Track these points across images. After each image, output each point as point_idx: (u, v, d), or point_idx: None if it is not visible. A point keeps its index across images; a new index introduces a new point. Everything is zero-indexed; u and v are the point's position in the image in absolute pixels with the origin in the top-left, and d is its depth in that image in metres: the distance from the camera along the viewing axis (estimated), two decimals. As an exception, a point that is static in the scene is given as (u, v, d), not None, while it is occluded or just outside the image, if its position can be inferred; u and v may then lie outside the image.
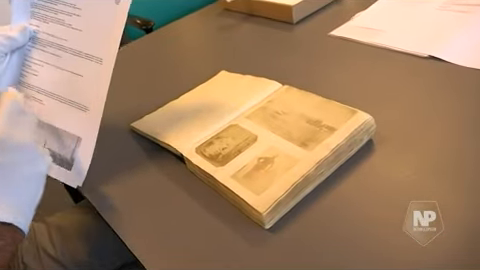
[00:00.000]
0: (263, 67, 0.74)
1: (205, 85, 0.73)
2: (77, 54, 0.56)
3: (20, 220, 0.41)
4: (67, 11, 0.57)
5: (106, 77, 0.54)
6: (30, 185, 0.43)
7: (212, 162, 0.53)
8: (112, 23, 0.53)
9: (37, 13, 0.60)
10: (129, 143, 0.65)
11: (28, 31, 0.59)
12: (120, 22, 0.53)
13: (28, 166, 0.43)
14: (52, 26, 0.58)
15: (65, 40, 0.57)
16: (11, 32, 0.57)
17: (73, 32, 0.57)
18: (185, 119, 0.63)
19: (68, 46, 0.57)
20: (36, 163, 0.44)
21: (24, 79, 0.60)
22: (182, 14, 1.10)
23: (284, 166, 0.49)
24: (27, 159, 0.43)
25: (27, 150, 0.44)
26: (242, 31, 0.95)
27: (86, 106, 0.56)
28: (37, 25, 0.60)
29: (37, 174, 0.44)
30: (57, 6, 0.58)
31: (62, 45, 0.58)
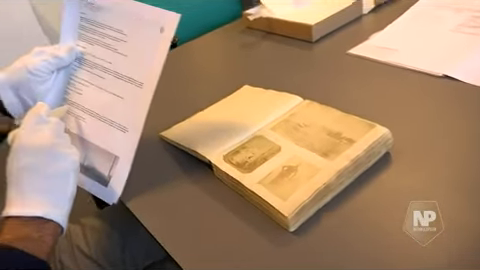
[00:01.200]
0: (284, 83, 0.78)
1: (229, 98, 0.78)
2: (120, 77, 0.61)
3: (51, 214, 0.46)
4: (113, 36, 0.62)
5: (146, 101, 0.57)
6: (57, 181, 0.48)
7: (239, 169, 0.57)
8: (155, 50, 0.57)
9: (84, 35, 0.65)
10: (159, 151, 0.70)
11: (75, 52, 0.63)
12: (163, 50, 0.56)
13: (51, 165, 0.48)
14: (98, 49, 0.63)
15: (109, 63, 0.62)
16: (59, 52, 0.62)
17: (117, 56, 0.61)
18: (212, 129, 0.68)
19: (112, 69, 0.62)
20: (59, 161, 0.49)
21: (68, 97, 0.65)
22: (205, 31, 1.15)
23: (307, 174, 0.53)
24: (48, 160, 0.48)
25: (48, 151, 0.49)
26: (263, 48, 1.00)
27: (126, 127, 0.60)
28: (84, 47, 0.64)
29: (62, 171, 0.49)
30: (104, 30, 0.63)
31: (106, 67, 0.62)
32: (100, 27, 0.63)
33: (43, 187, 0.47)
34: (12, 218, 0.45)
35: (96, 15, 0.64)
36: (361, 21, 1.01)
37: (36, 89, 0.62)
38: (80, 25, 0.66)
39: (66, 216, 0.48)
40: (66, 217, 0.48)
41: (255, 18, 1.03)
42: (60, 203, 0.47)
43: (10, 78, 0.61)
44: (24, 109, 0.64)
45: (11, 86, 0.61)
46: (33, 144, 0.48)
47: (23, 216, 0.45)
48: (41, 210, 0.45)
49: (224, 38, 1.11)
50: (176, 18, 0.57)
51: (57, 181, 0.48)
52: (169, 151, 0.69)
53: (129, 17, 0.61)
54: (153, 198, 0.60)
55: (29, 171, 0.47)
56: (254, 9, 1.10)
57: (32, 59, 0.62)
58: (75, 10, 0.66)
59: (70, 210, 0.49)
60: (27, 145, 0.48)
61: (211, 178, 0.61)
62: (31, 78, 0.61)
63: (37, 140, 0.49)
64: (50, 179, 0.47)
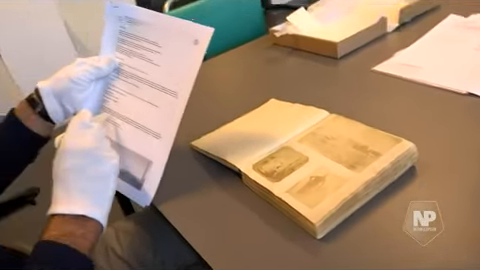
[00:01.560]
0: (310, 97, 0.81)
1: (257, 111, 0.81)
2: (154, 87, 0.64)
3: (94, 212, 0.50)
4: (149, 48, 0.66)
5: (179, 110, 0.61)
6: (99, 182, 0.52)
7: (268, 178, 0.59)
8: (189, 62, 0.61)
9: (122, 47, 0.69)
10: (190, 159, 0.73)
11: (113, 63, 0.68)
12: (197, 61, 0.60)
13: (94, 167, 0.52)
14: (135, 60, 0.67)
15: (145, 73, 0.65)
16: (99, 63, 0.67)
17: (153, 67, 0.65)
18: (241, 140, 0.71)
19: (147, 79, 0.65)
20: (101, 164, 0.53)
21: (106, 104, 0.69)
22: (230, 47, 1.19)
23: (334, 184, 0.55)
24: (92, 161, 0.52)
25: (91, 154, 0.52)
26: (289, 64, 1.03)
27: (159, 134, 0.63)
28: (122, 58, 0.68)
29: (104, 173, 0.52)
30: (140, 43, 0.67)
31: (142, 77, 0.66)
32: (137, 40, 0.67)
33: (86, 188, 0.50)
34: (58, 215, 0.48)
35: (134, 29, 0.68)
36: (385, 39, 1.03)
37: (76, 97, 0.66)
38: (119, 38, 0.70)
39: (106, 216, 0.51)
40: (106, 217, 0.51)
41: (282, 35, 1.07)
42: (101, 203, 0.51)
43: (54, 87, 0.66)
44: (64, 116, 0.68)
45: (55, 94, 0.65)
46: (78, 147, 0.52)
47: (68, 214, 0.48)
48: (84, 209, 0.49)
49: (251, 53, 1.15)
50: (210, 31, 0.60)
51: (99, 182, 0.51)
52: (199, 159, 0.72)
53: (164, 30, 0.65)
54: (184, 203, 0.63)
55: (74, 172, 0.51)
56: (280, 26, 1.13)
57: (74, 69, 0.66)
58: (115, 24, 0.70)
59: (109, 211, 0.52)
60: (72, 148, 0.52)
61: (240, 186, 0.64)
62: (73, 87, 0.65)
63: (81, 144, 0.52)
64: (93, 180, 0.51)
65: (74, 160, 0.51)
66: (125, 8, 0.69)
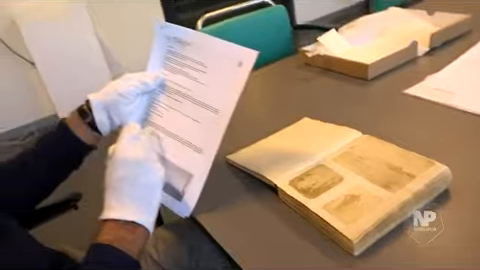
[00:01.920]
0: (341, 117, 0.83)
1: (290, 128, 0.84)
2: (198, 103, 0.68)
3: (143, 219, 0.53)
4: (194, 67, 0.69)
5: (221, 126, 0.64)
6: (148, 192, 0.55)
7: (304, 194, 0.62)
8: (233, 82, 0.64)
9: (169, 65, 0.73)
10: (226, 173, 0.76)
11: (160, 79, 0.72)
12: (241, 82, 0.63)
13: (144, 177, 0.56)
14: (180, 77, 0.71)
15: (189, 90, 0.69)
16: (145, 78, 0.71)
17: (197, 85, 0.69)
18: (277, 156, 0.73)
19: (191, 96, 0.69)
20: (150, 174, 0.56)
21: (150, 118, 0.73)
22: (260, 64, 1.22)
23: (370, 203, 0.57)
24: (142, 171, 0.56)
25: (142, 164, 0.56)
26: (320, 83, 1.06)
27: (201, 149, 0.66)
28: (167, 75, 0.72)
29: (152, 183, 0.56)
30: (187, 62, 0.71)
31: (186, 94, 0.69)
32: (183, 59, 0.71)
33: (136, 196, 0.54)
34: (110, 221, 0.52)
35: (181, 48, 0.72)
36: (416, 63, 1.05)
37: (123, 110, 0.70)
38: (166, 56, 0.74)
39: (153, 223, 0.54)
40: (153, 224, 0.54)
41: (313, 55, 1.10)
42: (149, 211, 0.54)
43: (103, 100, 0.70)
44: (111, 127, 0.72)
45: (104, 107, 0.70)
46: (129, 157, 0.56)
47: (120, 220, 0.52)
48: (135, 216, 0.52)
49: (282, 72, 1.18)
50: (254, 54, 0.64)
51: (148, 192, 0.55)
52: (235, 173, 0.75)
53: (210, 51, 0.69)
54: (222, 214, 0.66)
55: (125, 181, 0.54)
56: (311, 46, 1.17)
57: (122, 84, 0.70)
58: (163, 43, 0.74)
59: (155, 218, 0.55)
60: (124, 158, 0.56)
61: (275, 200, 0.66)
62: (120, 100, 0.69)
63: (132, 154, 0.56)
64: (142, 189, 0.54)
65: (126, 170, 0.55)
66: (173, 29, 0.73)
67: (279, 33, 1.57)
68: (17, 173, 0.71)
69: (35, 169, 0.70)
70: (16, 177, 0.70)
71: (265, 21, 1.55)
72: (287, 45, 1.59)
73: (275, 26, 1.56)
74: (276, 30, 1.56)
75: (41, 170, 0.71)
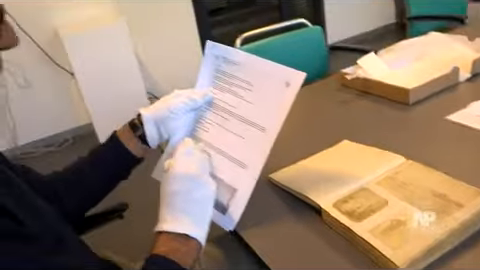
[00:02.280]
0: (382, 141, 0.83)
1: (331, 150, 0.85)
2: (244, 121, 0.70)
3: (196, 233, 0.55)
4: (242, 86, 0.72)
5: (267, 144, 0.66)
6: (201, 206, 0.58)
7: (349, 217, 0.63)
8: (280, 101, 0.66)
9: (216, 83, 0.76)
10: (267, 191, 0.77)
11: (208, 97, 0.75)
12: (288, 102, 0.65)
13: (197, 191, 0.58)
14: (227, 95, 0.74)
15: (236, 108, 0.72)
16: (194, 95, 0.74)
17: (244, 103, 0.71)
18: (320, 177, 0.75)
19: (237, 113, 0.71)
20: (203, 189, 0.58)
21: (196, 133, 0.76)
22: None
23: (417, 230, 0.58)
24: (196, 186, 0.58)
25: (196, 179, 0.58)
26: (359, 106, 1.07)
27: (246, 164, 0.68)
28: (215, 92, 0.75)
29: (205, 197, 0.58)
30: (234, 81, 0.73)
31: (232, 111, 0.72)
32: (231, 78, 0.74)
33: (190, 209, 0.56)
34: (164, 233, 0.54)
35: (229, 68, 0.75)
36: (458, 89, 1.05)
37: (172, 125, 0.74)
38: (214, 75, 0.77)
39: (205, 236, 0.56)
40: (205, 237, 0.56)
41: (352, 78, 1.11)
42: (202, 225, 0.56)
43: (154, 115, 0.73)
44: (159, 141, 0.75)
45: (154, 122, 0.73)
46: (184, 172, 0.58)
47: (174, 232, 0.54)
48: (188, 229, 0.54)
49: (321, 93, 1.20)
50: (302, 76, 0.66)
51: (201, 205, 0.57)
52: (276, 191, 0.77)
53: (258, 71, 0.71)
54: (265, 231, 0.68)
55: (180, 194, 0.57)
56: (350, 69, 1.18)
57: (173, 100, 0.74)
58: (211, 62, 0.78)
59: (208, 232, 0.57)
60: (179, 173, 0.58)
61: (318, 221, 0.67)
62: (170, 115, 0.73)
63: (187, 169, 0.59)
64: (196, 203, 0.57)
65: (180, 184, 0.57)
66: (222, 49, 0.76)
67: (315, 54, 1.59)
68: (72, 181, 0.74)
69: (88, 178, 0.74)
70: (71, 185, 0.74)
71: (302, 41, 1.58)
72: (322, 66, 1.60)
73: (311, 47, 1.58)
74: (312, 51, 1.58)
75: (94, 180, 0.74)
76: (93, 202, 0.77)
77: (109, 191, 0.77)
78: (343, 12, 3.71)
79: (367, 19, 3.89)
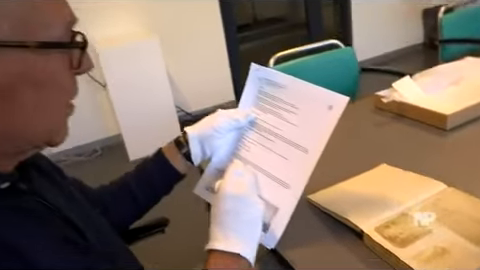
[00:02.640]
0: (420, 166, 0.83)
1: (370, 174, 0.86)
2: (287, 142, 0.72)
3: (246, 251, 0.57)
4: (285, 108, 0.74)
5: (310, 165, 0.67)
6: (251, 226, 0.59)
7: (392, 243, 0.63)
8: (322, 124, 0.68)
9: (259, 104, 0.78)
10: (307, 212, 0.79)
11: (250, 117, 0.77)
12: (330, 125, 0.67)
13: (247, 211, 0.59)
14: (270, 116, 0.76)
15: (278, 129, 0.74)
16: (237, 115, 0.76)
17: (286, 124, 0.73)
18: (360, 201, 0.76)
19: (280, 134, 0.73)
20: (252, 209, 0.60)
21: (238, 152, 0.78)
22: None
23: (461, 258, 0.58)
24: (246, 206, 0.60)
25: (246, 200, 0.60)
26: (395, 129, 1.08)
27: (288, 184, 0.69)
28: (257, 113, 0.78)
29: (254, 217, 0.60)
30: (277, 103, 0.75)
31: (275, 132, 0.74)
32: (274, 99, 0.76)
33: (240, 229, 0.58)
34: (216, 251, 0.56)
35: (273, 90, 0.77)
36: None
37: (215, 143, 0.76)
38: (257, 96, 0.80)
39: (254, 256, 0.58)
40: (254, 256, 0.58)
41: (389, 101, 1.12)
42: (251, 244, 0.58)
43: (199, 133, 0.76)
44: (202, 159, 0.78)
45: (198, 140, 0.76)
46: (234, 193, 0.60)
47: (225, 251, 0.56)
48: (239, 248, 0.56)
49: (355, 115, 1.21)
50: (345, 100, 0.68)
51: (250, 225, 0.59)
52: (315, 213, 0.78)
53: (301, 94, 0.73)
54: (306, 252, 0.69)
55: (230, 214, 0.58)
56: (385, 91, 1.19)
57: (217, 119, 0.76)
58: (255, 84, 0.80)
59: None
60: (230, 193, 0.60)
61: (359, 244, 0.68)
62: (214, 134, 0.75)
63: (237, 190, 0.61)
64: (245, 223, 0.58)
65: (231, 204, 0.59)
66: (266, 71, 0.79)
67: (347, 75, 1.60)
68: (118, 195, 0.78)
69: (135, 193, 0.77)
70: (117, 199, 0.77)
71: (334, 62, 1.60)
72: (353, 87, 1.62)
73: (343, 67, 1.60)
74: (344, 71, 1.60)
75: (140, 194, 0.77)
76: (137, 216, 0.80)
77: (153, 205, 0.80)
78: (371, 31, 3.73)
79: (394, 39, 3.89)
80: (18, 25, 0.42)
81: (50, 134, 0.50)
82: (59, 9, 0.46)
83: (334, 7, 4.05)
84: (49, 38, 0.44)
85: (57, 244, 0.49)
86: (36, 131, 0.48)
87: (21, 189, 0.51)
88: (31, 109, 0.46)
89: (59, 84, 0.48)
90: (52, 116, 0.49)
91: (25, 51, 0.43)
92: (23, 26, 0.42)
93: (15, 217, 0.46)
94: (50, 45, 0.45)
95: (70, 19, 0.47)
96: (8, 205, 0.46)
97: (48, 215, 0.51)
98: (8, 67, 0.42)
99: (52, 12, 0.45)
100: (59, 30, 0.46)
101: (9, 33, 0.42)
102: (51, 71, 0.46)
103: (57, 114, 0.50)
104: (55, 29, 0.45)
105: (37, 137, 0.49)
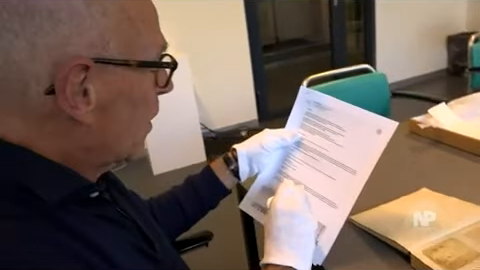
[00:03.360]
0: (460, 192, 0.84)
1: (411, 197, 0.87)
2: (334, 162, 0.74)
3: (301, 266, 0.59)
4: (332, 129, 0.76)
5: (358, 186, 0.69)
6: (303, 240, 0.61)
7: (441, 266, 0.65)
8: (371, 148, 0.70)
9: (306, 126, 0.81)
10: (351, 232, 0.80)
11: (297, 137, 0.80)
12: (379, 149, 0.69)
13: (299, 227, 0.61)
14: (316, 137, 0.78)
15: (325, 150, 0.76)
16: (284, 134, 0.79)
17: (334, 146, 0.75)
18: (405, 223, 0.77)
19: (327, 154, 0.75)
20: (305, 224, 0.62)
21: (284, 170, 0.80)
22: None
23: (514, 285, 0.59)
24: (298, 222, 0.62)
25: (297, 216, 0.62)
26: (432, 155, 1.09)
27: (335, 203, 0.71)
28: (304, 134, 0.80)
29: (306, 232, 0.62)
30: (325, 124, 0.78)
31: (321, 152, 0.76)
32: (321, 121, 0.79)
33: (294, 243, 0.60)
34: (271, 265, 0.58)
35: (320, 112, 0.80)
36: None
37: (262, 160, 0.79)
38: (304, 117, 0.82)
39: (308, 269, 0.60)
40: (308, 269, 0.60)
41: (426, 127, 1.14)
42: (305, 258, 0.60)
43: (247, 150, 0.79)
44: (249, 175, 0.81)
45: (247, 157, 0.79)
46: (287, 209, 0.63)
47: (279, 265, 0.58)
48: (293, 261, 0.58)
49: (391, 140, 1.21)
50: (395, 125, 0.70)
51: (304, 240, 0.61)
52: (358, 232, 0.80)
53: (349, 117, 0.76)
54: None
55: (284, 230, 0.61)
56: (421, 117, 1.21)
57: (265, 137, 0.80)
58: (303, 106, 0.83)
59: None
60: (282, 210, 0.63)
61: (406, 267, 0.69)
62: (261, 151, 0.78)
63: (290, 206, 0.63)
64: (299, 237, 0.61)
65: (284, 220, 0.62)
66: (315, 94, 0.82)
67: (378, 99, 1.63)
68: (167, 208, 0.81)
69: (183, 205, 0.80)
70: (166, 211, 0.80)
71: (366, 86, 1.62)
72: (385, 111, 1.64)
73: (375, 92, 1.62)
74: (375, 96, 1.62)
75: (188, 207, 0.80)
76: (184, 228, 0.83)
77: (199, 219, 0.83)
78: (394, 55, 3.76)
79: (418, 64, 3.91)
80: (123, 45, 0.45)
81: (133, 149, 0.53)
82: (156, 34, 0.50)
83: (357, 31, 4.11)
84: (146, 59, 0.48)
85: (135, 253, 0.52)
86: (124, 145, 0.52)
87: (105, 199, 0.54)
88: (125, 124, 0.50)
89: (148, 102, 0.52)
90: (138, 132, 0.53)
91: (127, 69, 0.47)
92: (127, 47, 0.46)
93: (101, 224, 0.50)
94: (148, 64, 0.49)
95: (163, 43, 0.51)
96: (95, 214, 0.50)
97: (127, 225, 0.55)
98: (112, 83, 0.46)
99: (151, 36, 0.49)
100: (154, 52, 0.50)
101: (115, 52, 0.45)
102: (144, 89, 0.50)
103: (142, 130, 0.54)
104: (152, 51, 0.49)
105: (123, 151, 0.52)
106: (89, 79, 0.44)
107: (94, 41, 0.43)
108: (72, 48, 0.42)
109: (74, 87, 0.43)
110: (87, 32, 0.43)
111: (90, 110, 0.45)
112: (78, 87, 0.44)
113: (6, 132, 0.45)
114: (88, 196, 0.50)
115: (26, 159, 0.45)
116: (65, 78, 0.42)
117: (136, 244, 0.53)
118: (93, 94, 0.45)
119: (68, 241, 0.43)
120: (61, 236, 0.43)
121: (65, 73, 0.42)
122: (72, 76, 0.43)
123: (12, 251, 0.40)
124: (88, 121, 0.46)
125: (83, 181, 0.49)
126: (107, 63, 0.45)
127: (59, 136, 0.46)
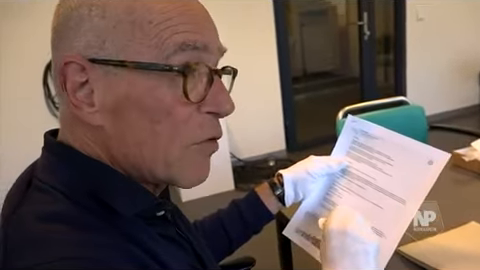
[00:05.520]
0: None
1: (460, 230, 0.85)
2: (381, 191, 0.73)
3: None
4: (380, 158, 0.76)
5: (407, 216, 0.67)
6: (358, 259, 0.59)
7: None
8: (422, 178, 0.69)
9: (353, 154, 0.81)
10: (399, 263, 0.79)
11: (343, 164, 0.79)
12: (430, 180, 0.67)
13: (353, 246, 0.60)
14: (363, 165, 0.77)
15: (372, 178, 0.75)
16: (330, 161, 0.79)
17: (381, 174, 0.74)
18: (455, 255, 0.75)
19: (374, 183, 0.74)
20: (359, 243, 0.60)
21: (329, 197, 0.80)
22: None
23: None
24: (351, 241, 0.60)
25: (350, 234, 0.61)
26: (477, 188, 1.07)
27: (383, 232, 0.69)
28: (350, 162, 0.80)
29: (362, 251, 0.60)
30: (373, 154, 0.78)
31: (369, 181, 0.75)
32: (369, 150, 0.79)
33: (347, 264, 0.59)
34: None
35: (367, 141, 0.80)
36: None
37: (308, 186, 0.79)
38: (351, 146, 0.82)
39: None
40: None
41: (470, 160, 1.12)
42: None
43: (293, 176, 0.80)
44: (294, 201, 0.81)
45: (293, 182, 0.79)
46: (339, 229, 0.62)
47: None
48: None
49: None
50: (447, 156, 0.69)
51: (358, 259, 0.60)
52: (406, 264, 0.78)
53: (398, 147, 0.75)
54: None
55: (338, 249, 0.60)
56: (464, 150, 1.19)
57: (311, 163, 0.80)
58: (349, 134, 0.83)
59: None
60: (335, 229, 0.62)
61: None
62: (307, 178, 0.78)
63: (343, 226, 0.62)
64: (353, 256, 0.60)
65: (338, 239, 0.61)
66: (363, 123, 0.82)
67: (415, 132, 1.60)
68: (211, 231, 0.81)
69: (227, 229, 0.80)
70: (210, 234, 0.81)
71: (403, 118, 1.61)
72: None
73: (412, 124, 1.61)
74: (413, 128, 1.60)
75: (232, 231, 0.80)
76: (228, 252, 0.83)
77: (243, 243, 0.83)
78: (425, 89, 3.72)
79: (449, 98, 3.85)
80: (120, 46, 0.45)
81: (168, 170, 0.49)
82: (173, 35, 0.47)
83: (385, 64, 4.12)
84: (149, 60, 0.45)
85: None
86: (153, 162, 0.48)
87: (167, 219, 0.55)
88: (143, 134, 0.47)
89: (171, 115, 0.47)
90: (169, 150, 0.48)
91: (130, 71, 0.45)
92: (125, 48, 0.45)
93: (164, 242, 0.50)
94: (143, 66, 0.45)
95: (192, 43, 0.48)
96: (159, 232, 0.51)
97: (184, 246, 0.56)
98: (115, 86, 0.45)
99: (159, 38, 0.46)
100: (165, 55, 0.46)
101: (113, 53, 0.45)
102: (160, 97, 0.46)
103: (175, 150, 0.48)
104: (159, 54, 0.46)
105: (156, 169, 0.48)
106: (92, 81, 0.45)
107: (90, 41, 0.45)
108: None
109: (74, 85, 0.45)
110: (84, 33, 0.45)
111: (94, 111, 0.46)
112: (78, 86, 0.46)
113: (80, 145, 0.48)
114: (155, 214, 0.52)
115: (103, 172, 0.47)
116: (64, 75, 0.45)
117: (194, 266, 0.54)
118: (96, 96, 0.46)
119: (138, 252, 0.44)
120: (131, 247, 0.44)
121: (63, 71, 0.45)
122: (70, 74, 0.45)
123: (87, 257, 0.41)
124: (95, 123, 0.46)
125: (155, 199, 0.50)
126: (105, 64, 0.45)
127: (93, 142, 0.48)
